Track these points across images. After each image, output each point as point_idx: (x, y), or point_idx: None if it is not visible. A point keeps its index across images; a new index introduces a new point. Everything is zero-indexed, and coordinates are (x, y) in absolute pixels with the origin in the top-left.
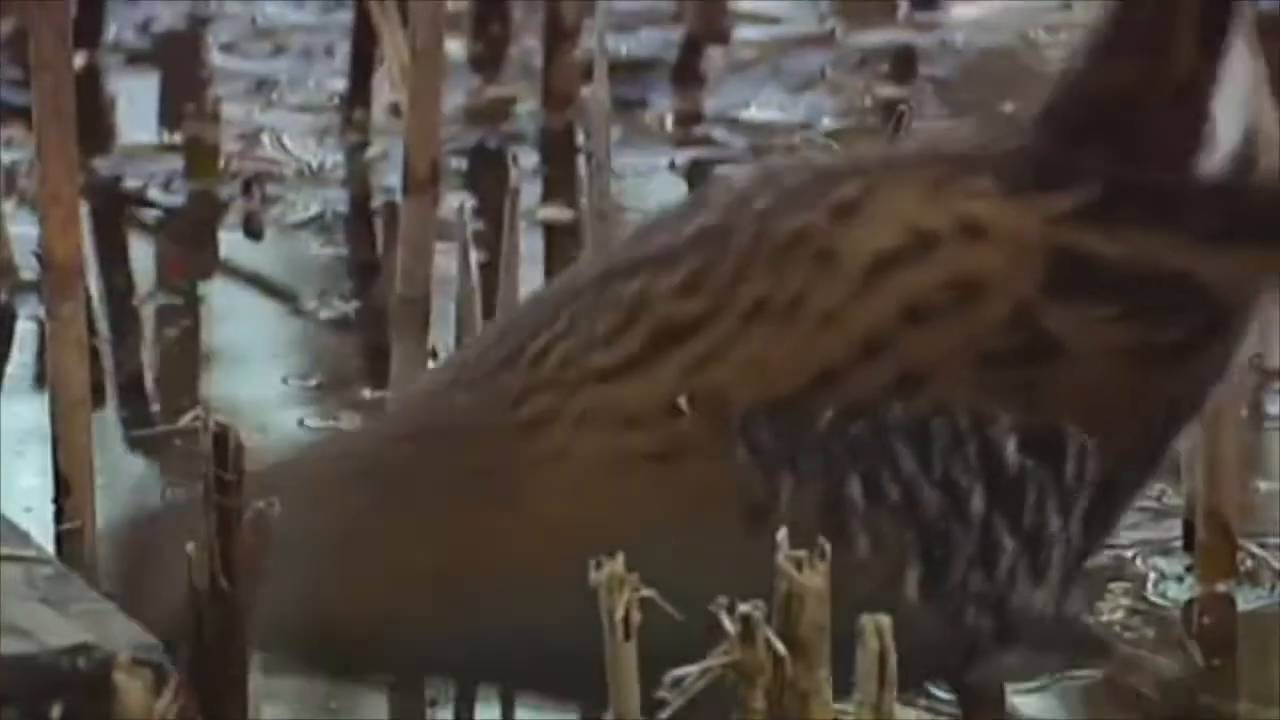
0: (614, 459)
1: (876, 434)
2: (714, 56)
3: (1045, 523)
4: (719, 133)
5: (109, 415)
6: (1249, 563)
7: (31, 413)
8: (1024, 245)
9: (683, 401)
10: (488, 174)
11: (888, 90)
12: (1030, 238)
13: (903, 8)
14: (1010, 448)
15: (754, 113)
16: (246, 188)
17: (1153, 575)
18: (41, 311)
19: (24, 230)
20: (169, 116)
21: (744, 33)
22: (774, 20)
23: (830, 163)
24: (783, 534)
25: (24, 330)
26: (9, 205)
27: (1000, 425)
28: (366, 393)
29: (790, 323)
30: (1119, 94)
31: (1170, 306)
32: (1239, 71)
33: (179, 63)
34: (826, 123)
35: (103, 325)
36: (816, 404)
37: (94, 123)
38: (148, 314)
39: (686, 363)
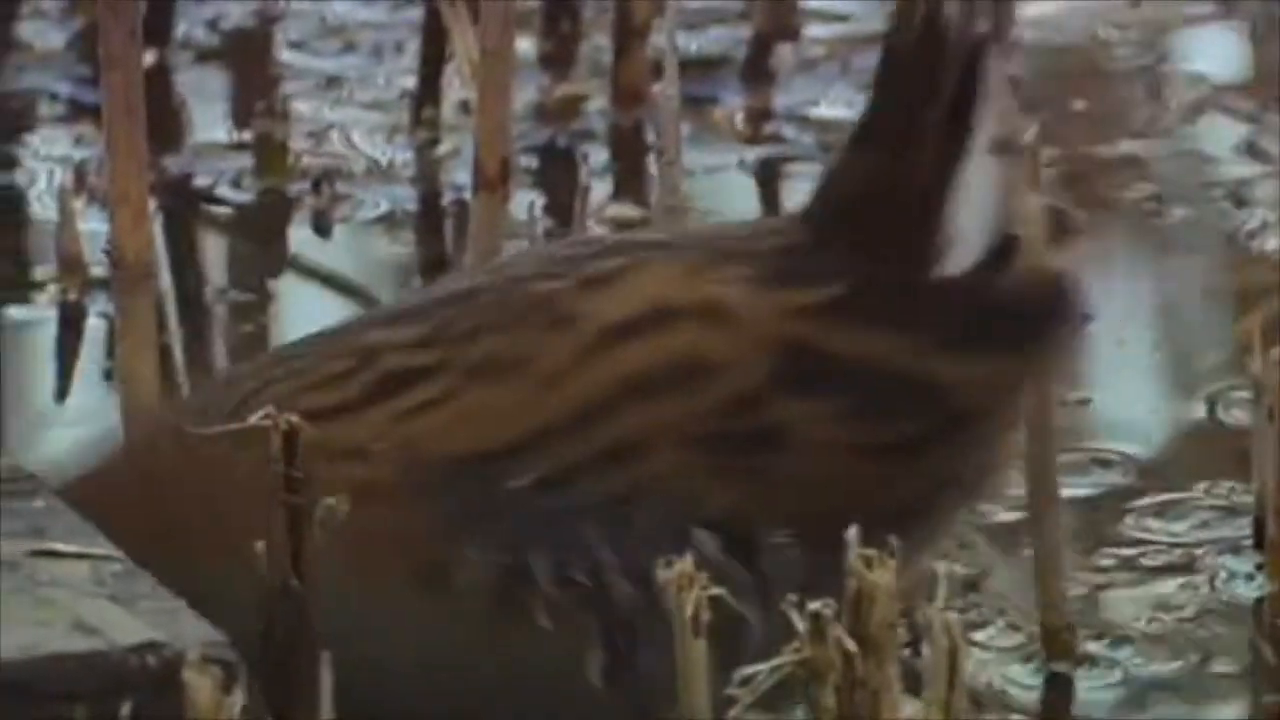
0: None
1: (572, 508)
2: (783, 54)
3: (739, 617)
4: (788, 130)
5: None
6: None
7: (101, 410)
8: (758, 333)
9: (378, 446)
10: (557, 172)
11: None
12: (766, 327)
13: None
14: (710, 540)
15: (823, 110)
16: (316, 185)
17: (1222, 573)
18: (111, 309)
19: (94, 228)
20: (239, 114)
21: (813, 30)
22: (843, 18)
23: (600, 240)
24: (851, 533)
25: (94, 328)
26: (79, 203)
27: (704, 513)
28: None
29: (511, 381)
30: (865, 191)
31: (900, 407)
32: (986, 173)
33: (249, 60)
34: None
35: (172, 323)
36: (520, 466)
37: (164, 120)
38: (217, 311)
39: (398, 410)
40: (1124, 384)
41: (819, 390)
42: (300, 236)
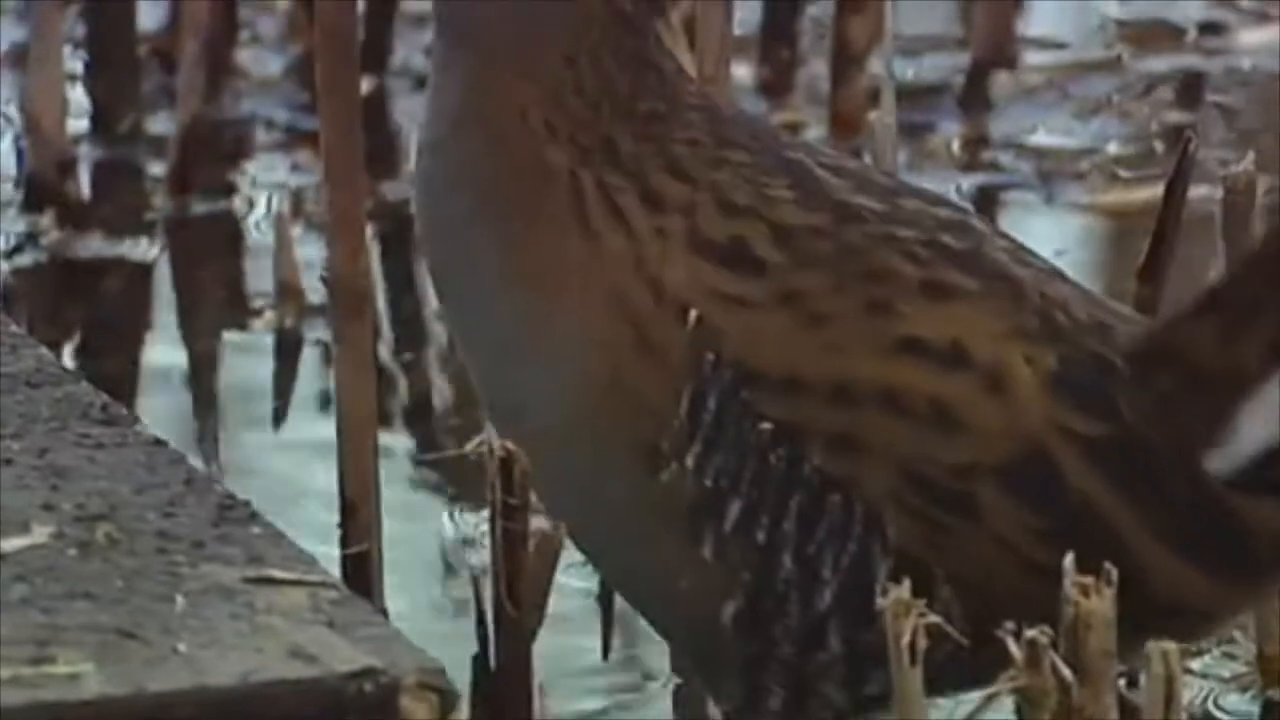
0: None
1: (794, 461)
2: (1001, 81)
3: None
4: (1005, 158)
5: (395, 439)
6: None
7: (318, 436)
8: (1019, 423)
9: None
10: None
11: (1174, 116)
12: (1030, 422)
13: (1190, 33)
14: (882, 562)
15: (1041, 138)
16: None
17: None
18: (328, 335)
19: (311, 254)
20: None
21: (1031, 58)
22: (1061, 45)
23: (968, 224)
24: (1068, 560)
25: (311, 354)
26: (297, 229)
27: (883, 541)
28: None
29: (819, 325)
30: (1181, 351)
31: (1094, 560)
32: None
33: None
34: (1113, 148)
35: (389, 349)
36: (769, 398)
37: (381, 147)
38: (435, 337)
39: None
40: None
41: (1030, 503)
42: None
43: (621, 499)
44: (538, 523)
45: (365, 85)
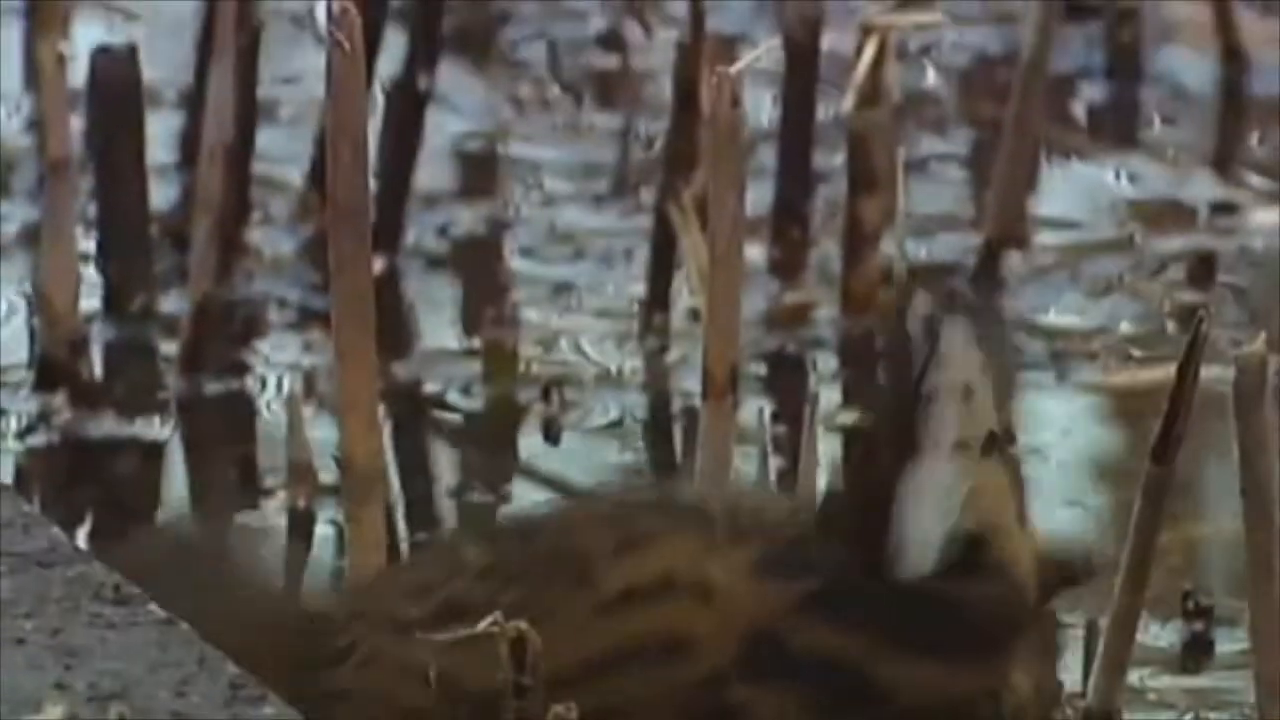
0: None
1: None
2: (1013, 261)
3: None
4: (1017, 337)
5: None
6: None
7: None
8: (735, 618)
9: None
10: (787, 379)
11: (1187, 296)
12: (743, 613)
13: (1202, 213)
14: None
15: (1053, 317)
16: (545, 392)
17: None
18: (341, 515)
19: (323, 434)
20: (468, 320)
21: (1043, 238)
22: (1073, 225)
23: (654, 497)
24: None
25: (323, 534)
26: (308, 409)
27: None
28: None
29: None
30: (850, 488)
31: (850, 704)
32: (943, 474)
33: (478, 267)
34: (1125, 328)
35: (402, 529)
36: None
37: (393, 326)
38: (448, 518)
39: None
40: None
41: (776, 680)
42: (529, 443)
43: None
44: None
45: (377, 265)
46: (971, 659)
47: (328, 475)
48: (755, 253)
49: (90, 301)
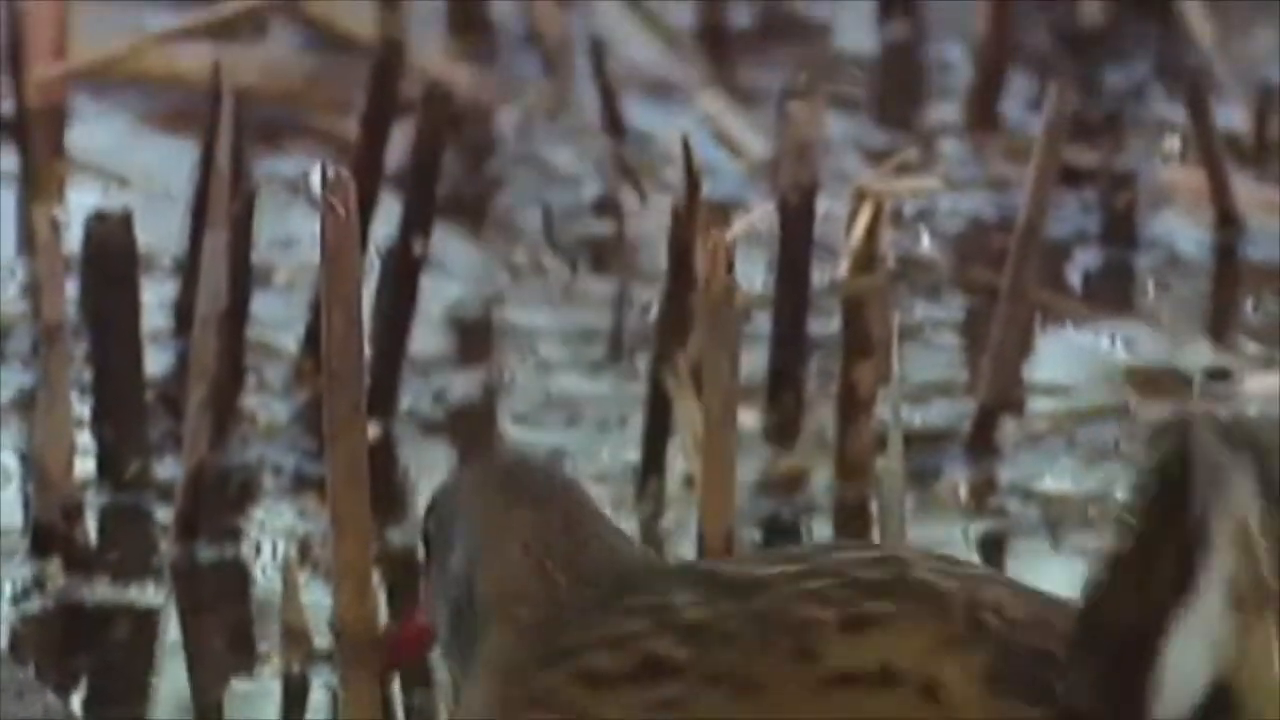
0: None
1: None
2: (1008, 427)
3: None
4: (1013, 504)
5: None
6: None
7: None
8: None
9: None
10: (782, 545)
11: None
12: None
13: (1197, 379)
14: None
15: (1048, 484)
16: None
17: None
18: (336, 681)
19: (318, 600)
20: None
21: (1038, 404)
22: (1068, 391)
23: (893, 566)
24: None
25: (317, 700)
26: (303, 575)
27: None
28: None
29: (738, 701)
30: (1103, 622)
31: None
32: (1210, 622)
33: (472, 432)
34: (1120, 495)
35: (397, 695)
36: None
37: (388, 493)
38: (442, 680)
39: (646, 699)
40: None
41: None
42: None
43: None
44: None
45: (372, 431)
46: None
47: (323, 640)
48: (750, 418)
49: (85, 467)
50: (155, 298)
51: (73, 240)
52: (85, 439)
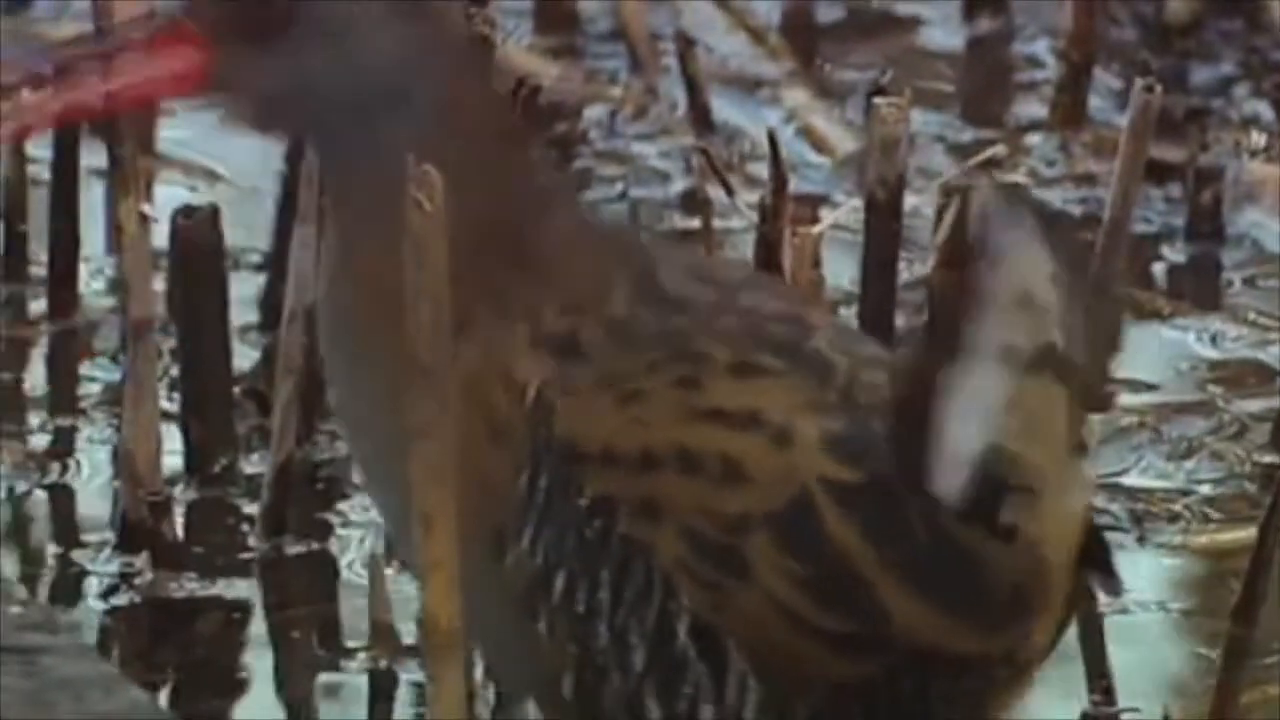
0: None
1: (598, 533)
2: (1095, 422)
3: (691, 707)
4: (1099, 499)
5: None
6: None
7: None
8: (790, 477)
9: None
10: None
11: (1267, 457)
12: (798, 476)
13: None
14: (681, 627)
15: (1134, 479)
16: None
17: None
18: (423, 676)
19: (406, 594)
20: None
21: (1125, 399)
22: (1154, 387)
23: (801, 328)
24: None
25: (405, 695)
26: (390, 570)
27: (679, 603)
28: None
29: (626, 405)
30: (894, 396)
31: (849, 610)
32: (985, 383)
33: None
34: (1206, 489)
35: (484, 692)
36: (586, 473)
37: None
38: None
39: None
40: None
41: (794, 547)
42: None
43: (475, 582)
44: None
45: None
46: (972, 615)
47: (410, 635)
48: None
49: (173, 463)
50: (243, 293)
51: (160, 236)
52: (173, 434)
